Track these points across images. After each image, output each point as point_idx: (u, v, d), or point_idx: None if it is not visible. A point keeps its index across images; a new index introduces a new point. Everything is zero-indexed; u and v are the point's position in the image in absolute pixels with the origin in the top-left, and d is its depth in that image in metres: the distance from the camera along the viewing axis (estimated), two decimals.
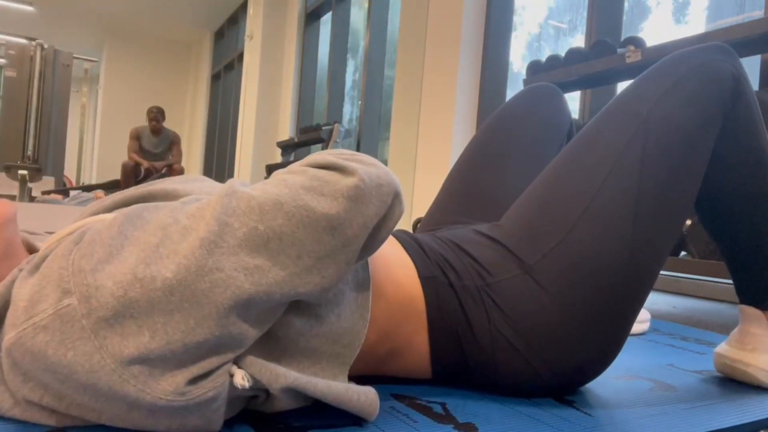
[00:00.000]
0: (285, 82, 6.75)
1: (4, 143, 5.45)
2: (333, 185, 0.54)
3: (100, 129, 10.09)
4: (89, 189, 5.21)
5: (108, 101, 9.98)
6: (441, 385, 0.78)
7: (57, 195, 4.50)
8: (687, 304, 2.14)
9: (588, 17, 3.19)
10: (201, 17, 8.92)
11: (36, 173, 4.79)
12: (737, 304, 0.89)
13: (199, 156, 10.01)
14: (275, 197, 0.53)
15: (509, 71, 3.75)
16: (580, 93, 3.12)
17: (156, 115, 5.59)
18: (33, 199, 4.78)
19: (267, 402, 0.60)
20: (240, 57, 8.16)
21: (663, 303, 2.09)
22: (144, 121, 5.71)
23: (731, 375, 0.90)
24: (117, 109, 9.87)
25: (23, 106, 5.51)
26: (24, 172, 4.64)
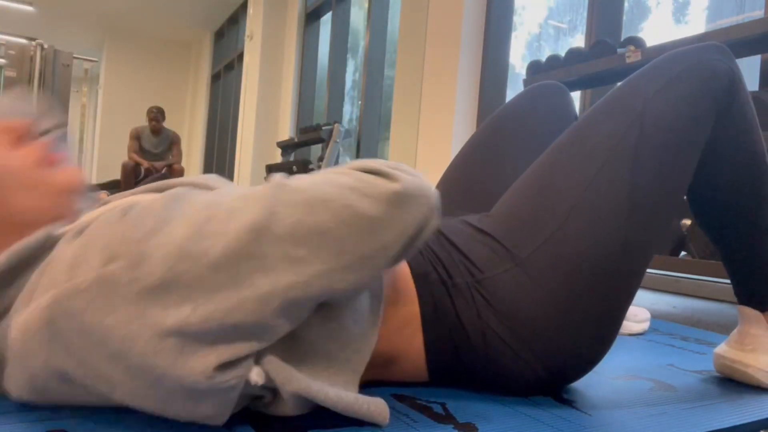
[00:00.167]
0: (285, 82, 6.75)
1: None
2: (377, 188, 0.55)
3: (100, 129, 10.09)
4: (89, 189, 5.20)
5: (108, 101, 9.98)
6: (440, 386, 0.78)
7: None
8: (687, 304, 2.14)
9: (588, 17, 3.19)
10: (201, 17, 8.92)
11: None
12: (737, 304, 0.89)
13: (199, 156, 10.01)
14: (322, 193, 0.54)
15: (509, 71, 3.75)
16: (580, 93, 3.12)
17: (156, 115, 5.59)
18: None
19: (272, 404, 0.60)
20: (240, 57, 8.16)
21: (663, 303, 2.09)
22: (144, 121, 5.71)
23: (731, 375, 0.90)
24: (117, 109, 9.86)
25: None
26: None
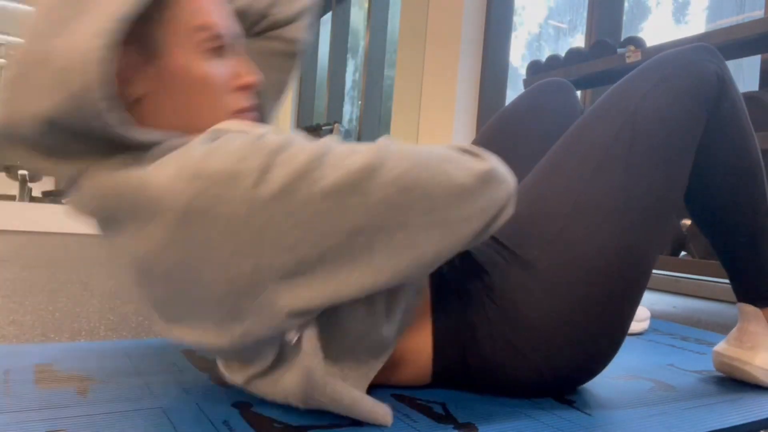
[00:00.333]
0: None
1: None
2: (470, 164, 0.60)
3: None
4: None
5: None
6: (441, 386, 0.78)
7: None
8: (687, 304, 2.14)
9: (588, 17, 3.19)
10: None
11: (36, 173, 4.78)
12: (735, 304, 0.89)
13: None
14: (424, 157, 0.58)
15: (509, 71, 3.75)
16: (580, 93, 3.13)
17: None
18: (33, 199, 4.78)
19: (270, 376, 0.62)
20: None
21: (663, 303, 2.09)
22: None
23: (730, 373, 0.90)
24: None
25: None
26: (24, 172, 4.64)
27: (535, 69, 3.09)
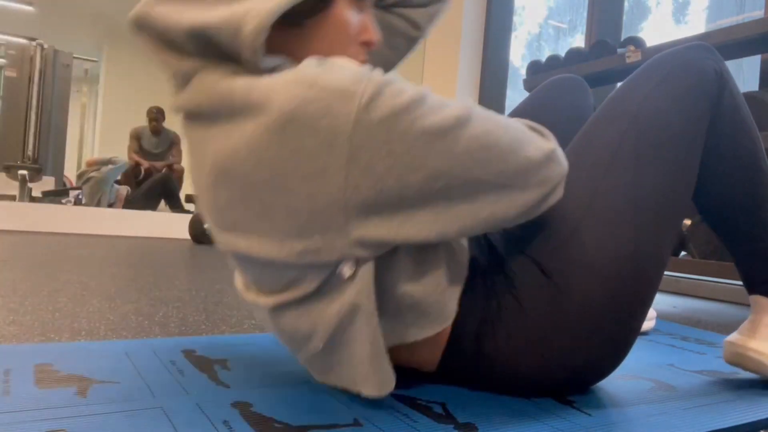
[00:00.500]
0: None
1: (4, 143, 5.45)
2: (536, 140, 0.64)
3: (100, 129, 10.08)
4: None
5: (108, 101, 9.97)
6: (441, 385, 0.78)
7: None
8: (687, 304, 2.14)
9: (588, 17, 3.19)
10: None
11: (36, 173, 4.79)
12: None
13: None
14: (503, 122, 0.62)
15: (509, 71, 3.75)
16: None
17: (156, 116, 5.58)
18: (33, 199, 4.78)
19: (310, 306, 0.64)
20: None
21: (663, 303, 2.09)
22: (144, 121, 5.70)
23: (741, 363, 0.88)
24: (117, 109, 9.85)
25: (23, 106, 5.50)
26: (24, 172, 4.65)
27: (535, 69, 3.08)
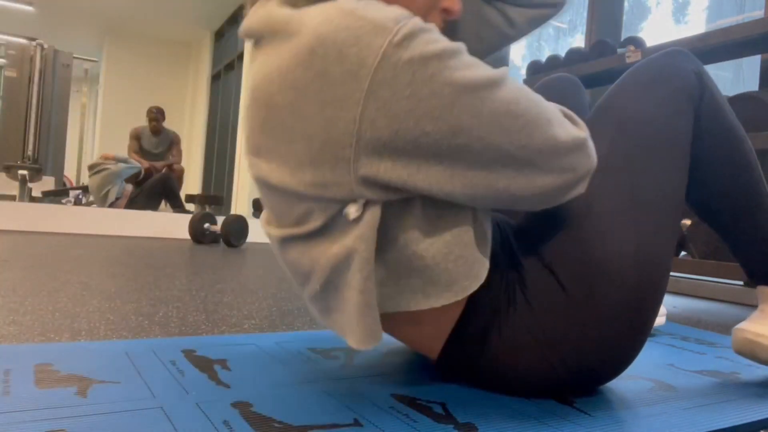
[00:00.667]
0: None
1: (4, 143, 5.45)
2: (568, 125, 0.63)
3: (100, 129, 10.08)
4: (89, 189, 5.20)
5: (108, 101, 9.97)
6: (441, 383, 0.78)
7: None
8: (687, 304, 2.14)
9: (588, 17, 3.19)
10: (201, 17, 8.92)
11: (36, 173, 4.79)
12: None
13: (200, 156, 10.01)
14: (537, 98, 0.61)
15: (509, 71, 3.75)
16: None
17: (156, 115, 5.58)
18: (33, 199, 4.78)
19: (312, 244, 0.65)
20: (240, 57, 8.16)
21: (663, 303, 2.09)
22: (144, 121, 5.70)
23: (752, 351, 0.87)
24: (117, 109, 9.86)
25: (23, 106, 5.50)
26: (24, 172, 4.65)
27: (535, 69, 3.09)
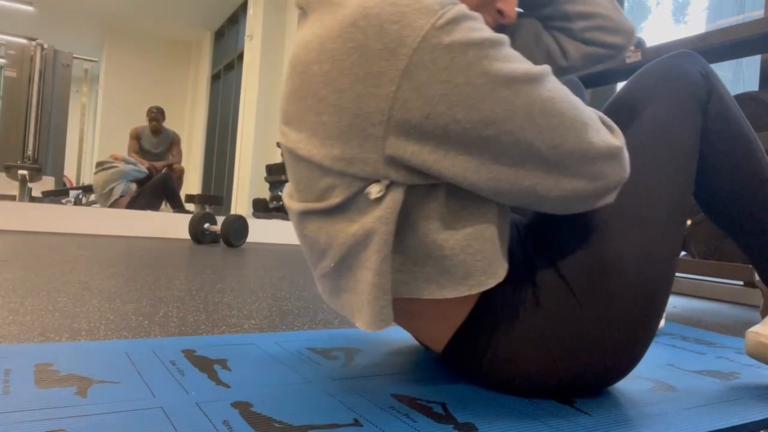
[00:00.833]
0: None
1: (4, 143, 5.45)
2: (605, 132, 0.62)
3: (100, 129, 10.09)
4: (89, 189, 5.20)
5: (108, 101, 9.98)
6: (441, 384, 0.78)
7: None
8: (687, 304, 2.14)
9: None
10: (201, 17, 8.92)
11: (36, 173, 4.79)
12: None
13: (199, 156, 10.01)
14: (576, 101, 0.61)
15: None
16: None
17: (156, 115, 5.58)
18: (33, 199, 4.78)
19: (330, 221, 0.64)
20: (240, 57, 8.16)
21: None
22: (144, 121, 5.70)
23: (766, 356, 0.86)
24: (117, 109, 9.86)
25: (23, 106, 5.51)
26: (24, 172, 4.65)
27: None
